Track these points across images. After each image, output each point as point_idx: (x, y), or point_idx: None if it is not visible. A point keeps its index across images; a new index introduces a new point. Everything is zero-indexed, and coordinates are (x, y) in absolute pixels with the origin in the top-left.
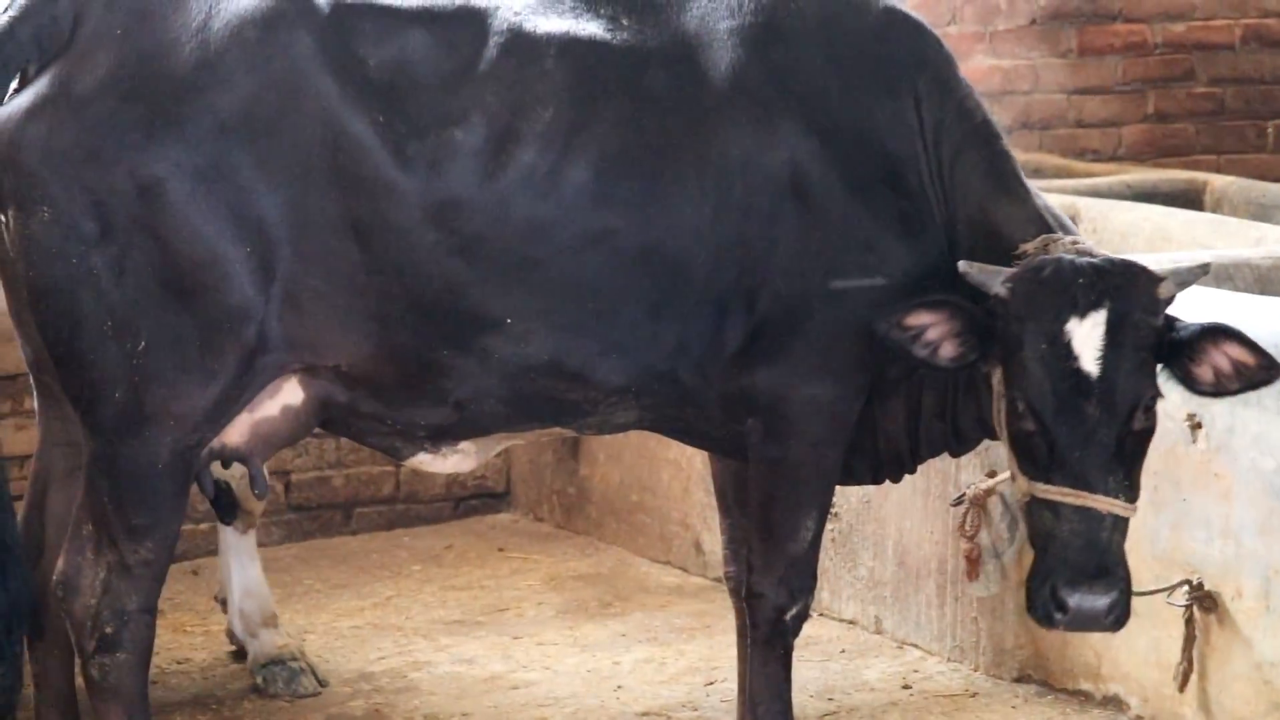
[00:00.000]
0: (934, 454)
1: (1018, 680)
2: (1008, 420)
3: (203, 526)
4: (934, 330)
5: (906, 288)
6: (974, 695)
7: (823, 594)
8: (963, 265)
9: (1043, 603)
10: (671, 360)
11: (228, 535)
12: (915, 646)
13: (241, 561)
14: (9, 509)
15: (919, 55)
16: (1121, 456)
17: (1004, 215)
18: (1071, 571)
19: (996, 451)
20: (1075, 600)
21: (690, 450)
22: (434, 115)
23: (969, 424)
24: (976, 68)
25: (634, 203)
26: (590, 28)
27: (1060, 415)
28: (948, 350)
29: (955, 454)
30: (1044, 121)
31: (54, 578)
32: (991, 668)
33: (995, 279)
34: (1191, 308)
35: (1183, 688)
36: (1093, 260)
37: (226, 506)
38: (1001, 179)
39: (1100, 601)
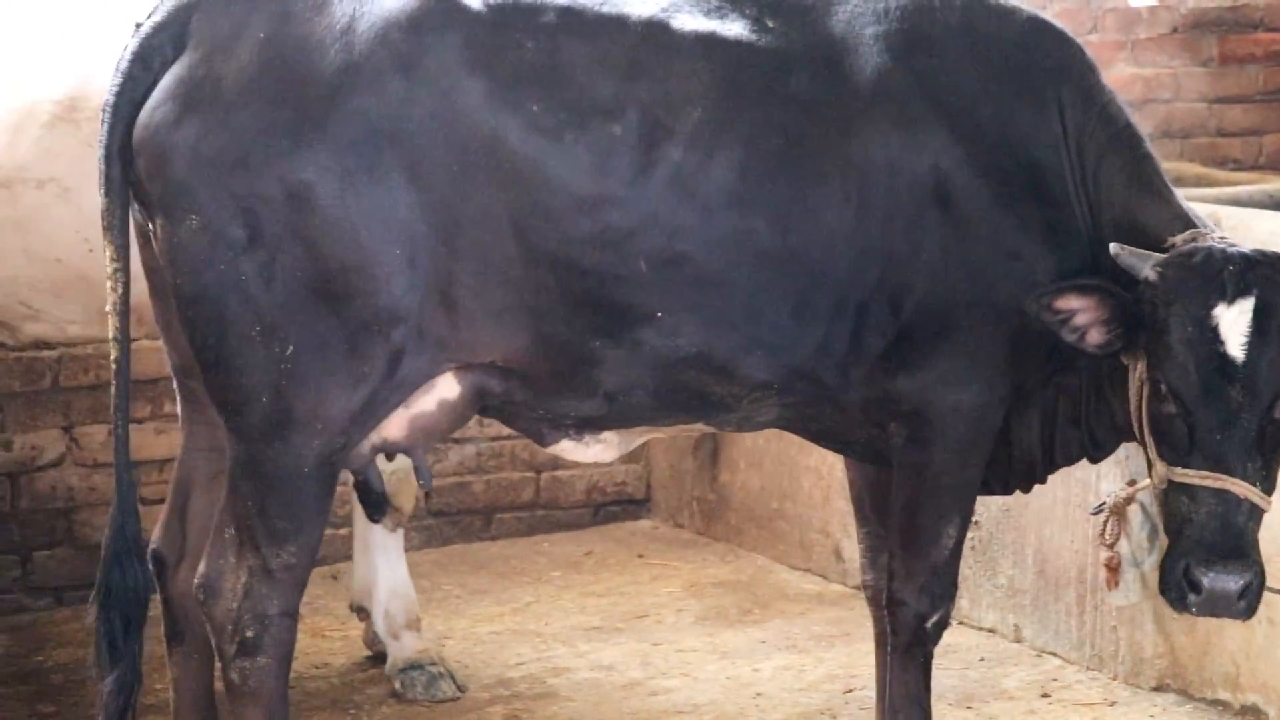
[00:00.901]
0: (1068, 463)
1: (1156, 689)
2: (1149, 405)
3: (343, 531)
4: (1083, 315)
5: None
6: (1112, 704)
7: (962, 602)
8: (1114, 248)
9: (1175, 583)
10: (814, 360)
11: (376, 533)
12: (1054, 655)
13: (390, 560)
14: (133, 511)
15: (1062, 63)
16: (1261, 444)
17: (1149, 214)
18: (1206, 551)
19: (1137, 460)
20: (1209, 580)
21: (831, 457)
22: (589, 107)
23: (1105, 429)
24: (1118, 76)
25: (776, 204)
26: (736, 28)
27: (1203, 399)
28: (1095, 336)
29: (1093, 460)
30: (1185, 130)
31: (195, 581)
32: (1130, 677)
33: (1146, 263)
34: None
35: None
36: (1242, 250)
37: (376, 504)
38: (1146, 180)
39: (1233, 583)
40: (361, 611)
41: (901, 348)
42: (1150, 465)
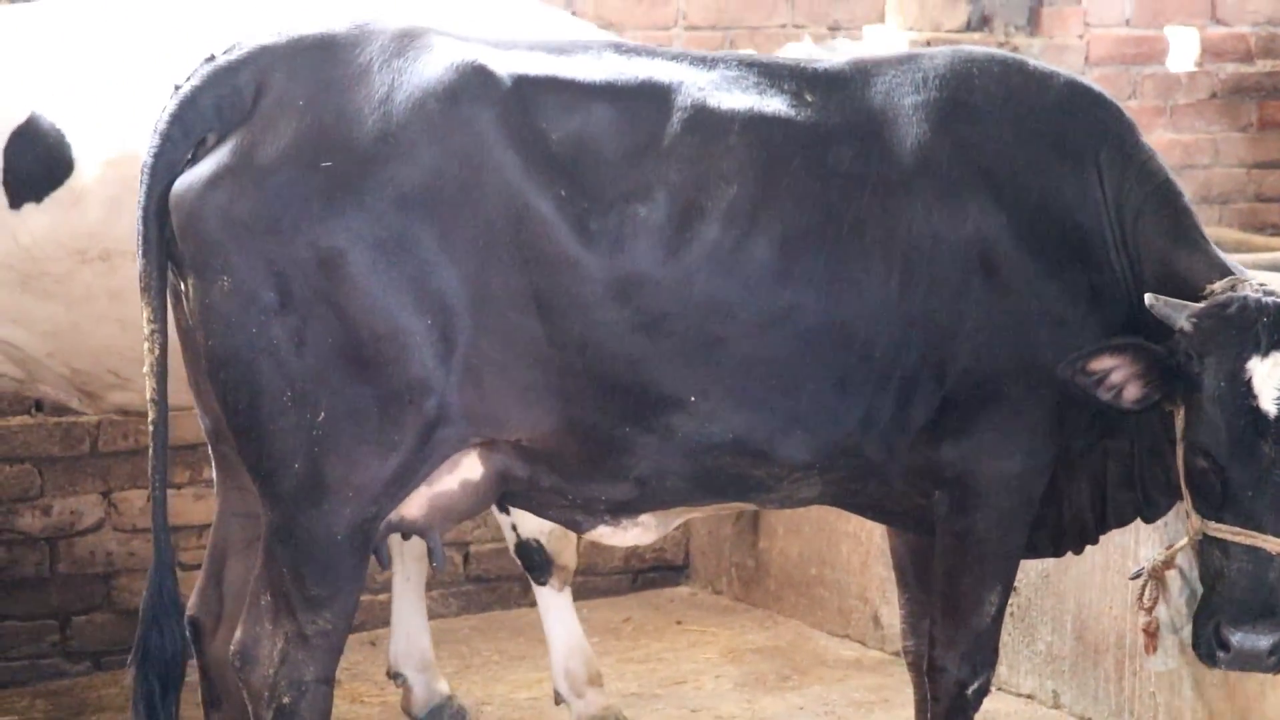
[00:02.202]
0: (1121, 524)
1: None
2: (1185, 457)
3: (380, 597)
4: (1118, 373)
5: None
6: None
7: (1001, 668)
8: (1149, 298)
9: (1206, 640)
10: (857, 435)
11: (545, 594)
12: None
13: (562, 619)
14: (171, 572)
15: (1101, 126)
16: None
17: (1187, 264)
18: (1236, 610)
19: (1176, 527)
20: (1238, 639)
21: (869, 523)
22: (617, 191)
23: (1159, 490)
24: (1156, 141)
25: (819, 279)
26: (774, 104)
27: (1235, 454)
28: (1132, 391)
29: (1147, 520)
30: (1224, 195)
31: (231, 648)
32: None
33: (1180, 313)
34: None
35: None
36: (1278, 300)
37: (540, 565)
38: (1183, 232)
39: (1263, 642)
40: (399, 678)
41: (945, 417)
42: (1188, 516)
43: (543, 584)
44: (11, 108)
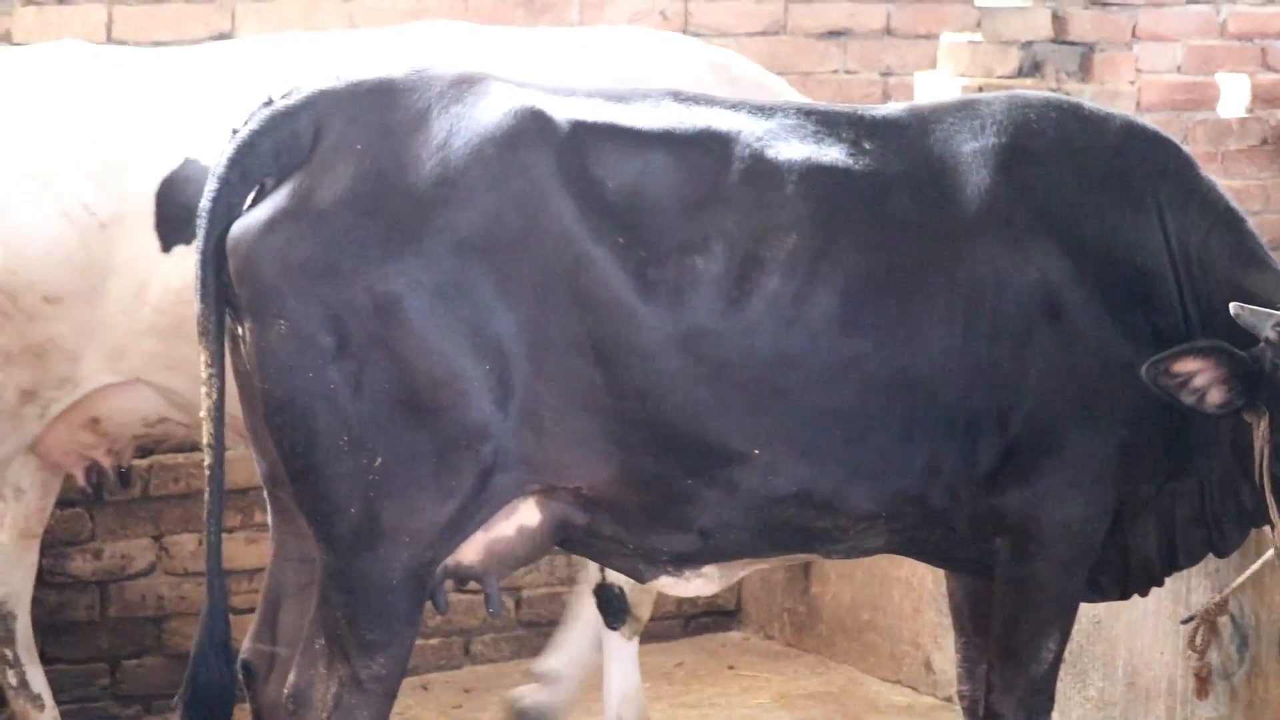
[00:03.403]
0: (1192, 562)
1: None
2: (1271, 465)
3: (433, 641)
4: (1201, 376)
5: (1163, 405)
6: None
7: (1053, 714)
8: (1234, 307)
9: None
10: (922, 483)
11: (612, 640)
12: None
13: (624, 668)
14: (223, 613)
15: (1160, 166)
16: None
17: (1258, 284)
18: None
19: (1226, 572)
20: None
21: (921, 569)
22: (674, 241)
23: (1232, 523)
24: None
25: (882, 327)
26: (832, 153)
27: None
28: (1215, 396)
29: (1219, 554)
30: (1275, 242)
31: (285, 691)
32: None
33: (1266, 321)
34: None
35: None
36: None
37: (616, 611)
38: (1249, 254)
39: None
40: None
41: (1009, 463)
42: (1273, 527)
43: (613, 629)
44: (165, 152)
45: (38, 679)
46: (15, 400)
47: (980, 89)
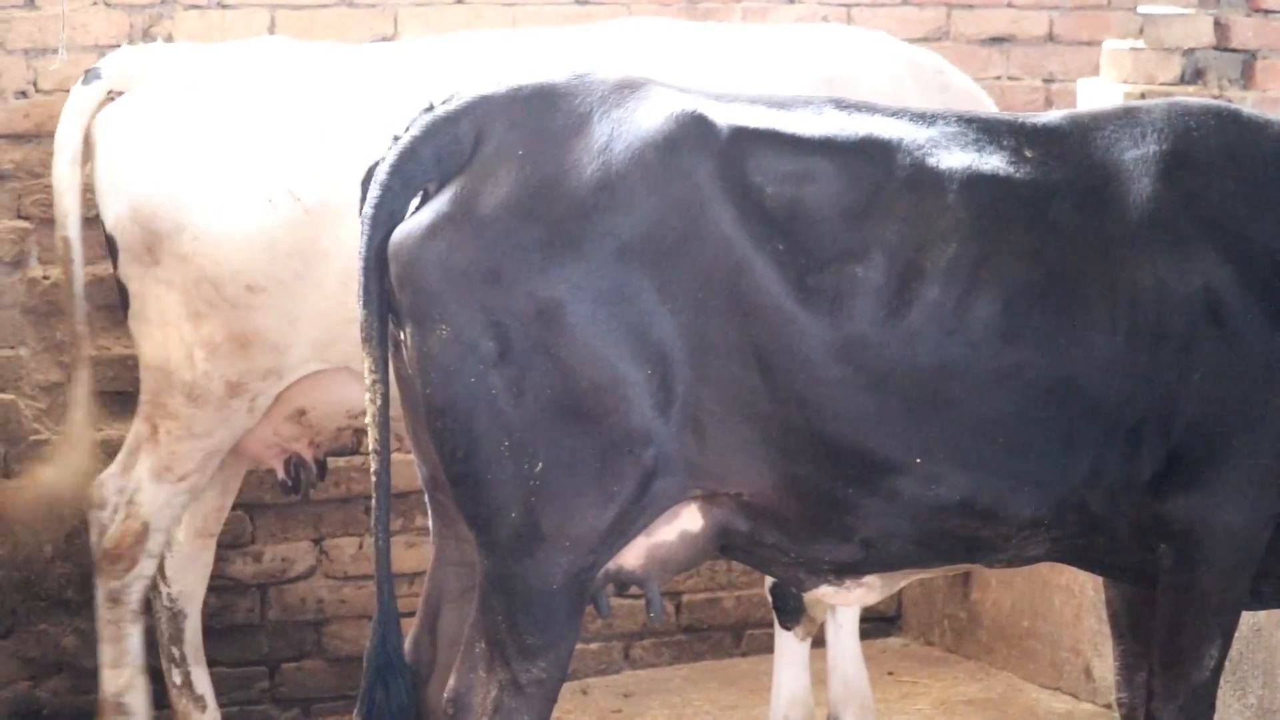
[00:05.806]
0: None
1: None
2: None
3: (593, 646)
4: None
5: None
6: None
7: None
8: None
9: None
10: (1084, 490)
11: (785, 640)
12: None
13: (794, 669)
14: (395, 624)
15: None
16: None
17: None
18: None
19: None
20: None
21: (1082, 575)
22: (834, 249)
23: None
24: None
25: (1044, 335)
26: (993, 161)
27: None
28: None
29: None
30: None
31: (445, 695)
32: None
33: None
34: None
35: None
36: None
37: (792, 611)
38: None
39: None
40: None
41: (1172, 470)
42: None
43: (787, 629)
44: (371, 139)
45: (202, 680)
46: (222, 391)
47: (1142, 95)
